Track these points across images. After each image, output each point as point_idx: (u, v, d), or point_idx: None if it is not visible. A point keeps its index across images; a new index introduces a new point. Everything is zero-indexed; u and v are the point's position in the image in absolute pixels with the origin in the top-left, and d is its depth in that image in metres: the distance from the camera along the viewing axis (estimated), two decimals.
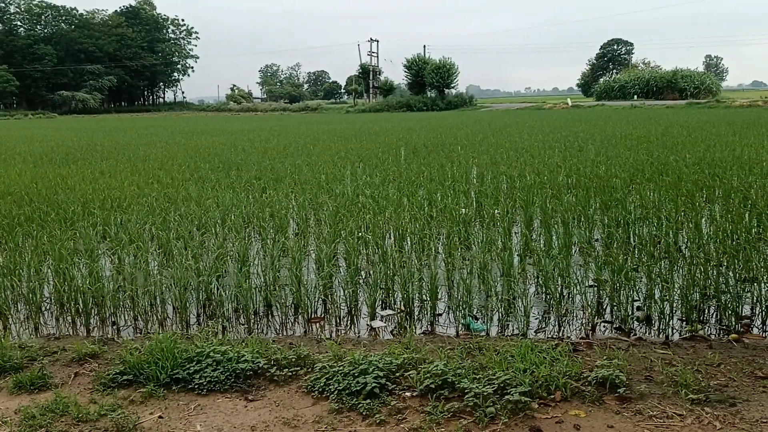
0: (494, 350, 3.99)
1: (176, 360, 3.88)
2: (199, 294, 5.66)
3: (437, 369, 3.57)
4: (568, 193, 9.45)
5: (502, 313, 5.19)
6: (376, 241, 6.85)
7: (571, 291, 5.53)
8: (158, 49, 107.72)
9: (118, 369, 3.91)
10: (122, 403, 3.59)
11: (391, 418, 3.32)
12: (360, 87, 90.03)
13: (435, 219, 8.06)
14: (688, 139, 17.92)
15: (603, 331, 4.86)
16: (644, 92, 67.38)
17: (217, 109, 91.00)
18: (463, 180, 11.17)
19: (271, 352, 4.07)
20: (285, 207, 9.06)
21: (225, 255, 6.68)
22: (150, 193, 10.62)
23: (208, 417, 3.45)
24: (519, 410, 3.29)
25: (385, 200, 9.19)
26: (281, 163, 14.81)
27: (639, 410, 3.30)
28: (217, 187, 11.25)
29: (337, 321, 5.25)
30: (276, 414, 3.44)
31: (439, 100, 68.79)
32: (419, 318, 5.25)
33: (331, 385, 3.60)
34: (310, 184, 11.19)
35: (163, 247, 7.12)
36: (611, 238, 6.98)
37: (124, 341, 4.64)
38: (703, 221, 7.66)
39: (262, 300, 5.55)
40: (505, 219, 7.89)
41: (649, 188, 9.75)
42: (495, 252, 6.44)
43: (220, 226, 8.10)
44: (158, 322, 5.34)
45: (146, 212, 8.91)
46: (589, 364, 3.85)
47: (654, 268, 5.66)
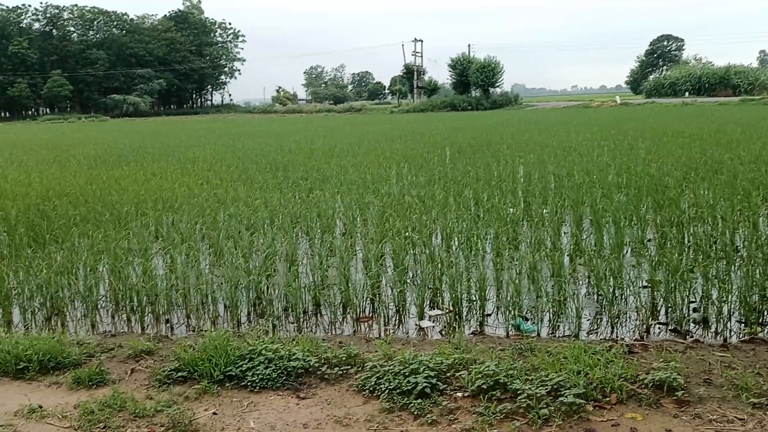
0: (546, 351, 3.93)
1: (229, 357, 3.94)
2: (250, 293, 5.74)
3: (489, 369, 3.54)
4: (619, 193, 9.26)
5: (552, 314, 5.12)
6: (423, 241, 6.83)
7: (624, 292, 5.42)
8: (206, 53, 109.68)
9: (173, 366, 3.99)
10: (177, 399, 3.66)
11: (442, 418, 3.30)
12: (404, 87, 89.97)
13: (482, 219, 7.99)
14: (743, 136, 17.37)
15: (658, 333, 4.75)
16: (696, 89, 65.60)
17: (263, 111, 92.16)
18: (510, 179, 11.06)
19: (322, 351, 4.10)
20: (332, 207, 9.12)
21: (274, 254, 6.75)
22: (200, 193, 10.81)
23: (261, 414, 3.49)
24: (573, 412, 3.24)
25: (431, 200, 9.17)
26: (327, 163, 14.91)
27: (698, 414, 3.21)
28: (265, 187, 11.40)
29: (386, 320, 5.25)
30: (328, 412, 3.46)
31: (483, 100, 68.28)
32: (468, 318, 5.22)
33: (381, 384, 3.60)
34: (356, 184, 11.23)
35: (214, 247, 7.24)
36: (665, 237, 6.81)
37: (178, 338, 4.74)
38: (760, 221, 7.42)
39: (310, 299, 5.59)
40: (554, 219, 7.78)
41: (703, 187, 9.49)
42: (544, 252, 6.35)
43: (268, 226, 8.19)
44: (210, 320, 5.43)
45: (197, 212, 9.07)
46: (644, 366, 3.76)
47: (710, 269, 5.51)
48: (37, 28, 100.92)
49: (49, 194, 11.11)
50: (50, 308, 5.74)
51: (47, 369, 4.13)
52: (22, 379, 4.07)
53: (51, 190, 11.63)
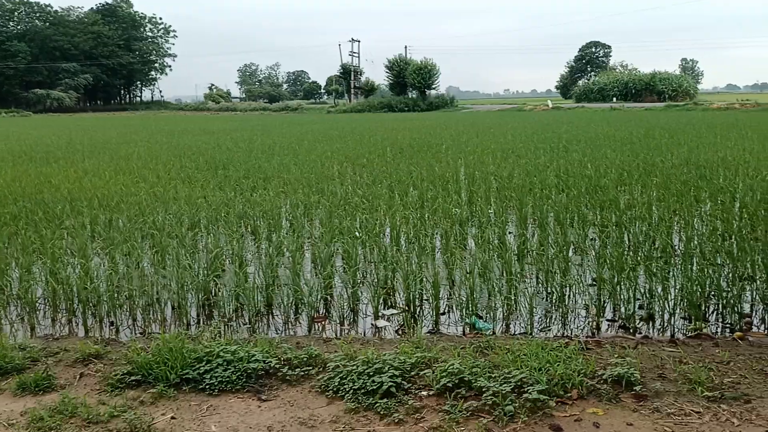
0: (505, 349, 3.98)
1: (185, 360, 3.81)
2: (198, 294, 5.59)
3: (453, 368, 3.55)
4: (560, 194, 9.50)
5: (505, 312, 5.19)
6: (374, 241, 6.82)
7: (572, 290, 5.55)
8: (135, 48, 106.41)
9: (126, 369, 3.83)
10: (132, 403, 3.52)
11: (409, 417, 3.29)
12: (341, 87, 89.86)
13: (429, 219, 8.04)
14: (671, 140, 18.14)
15: (607, 330, 4.89)
16: (623, 94, 68.03)
17: (196, 108, 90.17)
18: (453, 180, 11.18)
19: (281, 352, 4.03)
20: (277, 206, 8.99)
21: (221, 254, 6.60)
22: (137, 192, 10.47)
23: (222, 417, 3.39)
24: (538, 409, 3.28)
25: (377, 199, 9.17)
26: (268, 162, 14.71)
27: (656, 408, 3.31)
28: (206, 186, 11.14)
29: (341, 320, 5.21)
30: (291, 414, 3.40)
31: (420, 101, 68.83)
32: (422, 317, 5.23)
33: (345, 384, 3.56)
34: (300, 183, 11.12)
35: (156, 247, 7.02)
36: (607, 237, 7.01)
37: (128, 341, 4.56)
38: (695, 221, 7.74)
39: (263, 300, 5.49)
40: (499, 219, 7.91)
41: (638, 189, 9.84)
42: (493, 251, 6.44)
43: (213, 225, 8.01)
44: (158, 322, 5.26)
45: (136, 211, 8.78)
46: (601, 362, 3.86)
47: (653, 267, 5.70)
48: None
49: None
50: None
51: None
52: None
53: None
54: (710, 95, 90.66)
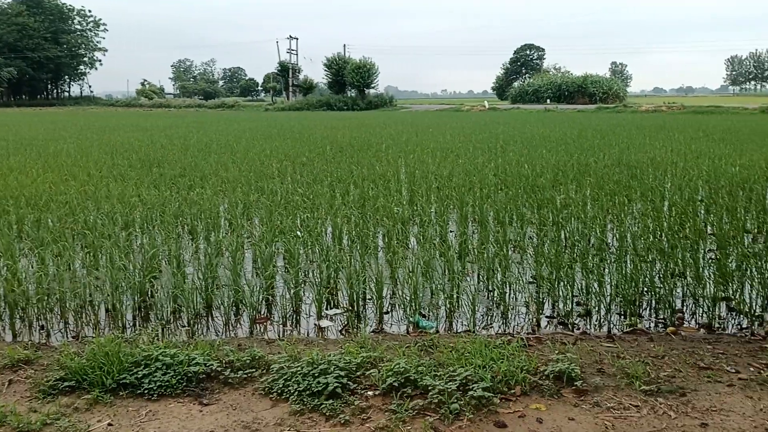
0: (449, 347, 4.00)
1: (122, 364, 3.68)
2: (134, 295, 5.41)
3: (399, 367, 3.54)
4: (499, 193, 9.65)
5: (448, 311, 5.23)
6: (316, 240, 6.76)
7: (512, 288, 5.64)
8: (63, 41, 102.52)
9: (58, 375, 3.67)
10: (66, 411, 3.37)
11: (355, 417, 3.26)
12: (278, 85, 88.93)
13: (371, 218, 8.03)
14: (603, 141, 18.71)
15: (547, 326, 4.98)
16: (556, 96, 69.84)
17: (127, 104, 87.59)
18: (394, 179, 11.20)
19: (223, 354, 3.93)
20: (215, 205, 8.81)
21: (158, 255, 6.41)
22: (67, 190, 10.07)
23: (161, 423, 3.28)
24: (482, 406, 3.31)
25: (319, 198, 9.10)
26: (205, 160, 14.41)
27: (596, 402, 3.39)
28: (140, 184, 10.82)
29: (283, 321, 5.14)
30: (234, 418, 3.32)
31: (359, 100, 68.88)
32: (366, 316, 5.21)
33: (290, 386, 3.51)
34: (239, 182, 10.93)
35: (89, 247, 6.77)
36: (545, 235, 7.16)
37: (60, 346, 4.36)
38: (627, 219, 7.99)
39: (202, 301, 5.36)
40: (441, 218, 7.97)
41: (573, 188, 10.09)
42: (435, 250, 6.48)
43: (149, 224, 7.77)
44: (92, 325, 5.06)
45: (66, 210, 8.44)
46: (543, 358, 3.93)
47: (588, 264, 5.85)
48: None
49: None
50: None
51: None
52: None
53: None
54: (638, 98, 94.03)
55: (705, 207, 8.65)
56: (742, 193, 9.35)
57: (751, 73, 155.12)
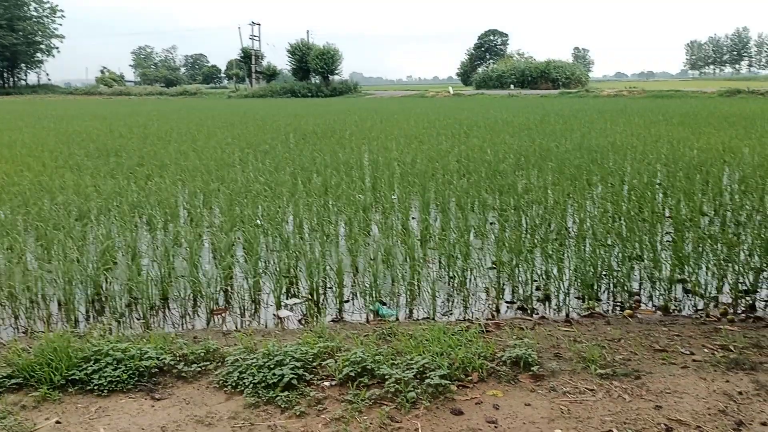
0: (408, 335, 3.97)
1: (71, 360, 3.57)
2: (87, 289, 5.28)
3: (356, 356, 3.50)
4: (461, 179, 9.65)
5: (408, 298, 5.21)
6: (276, 228, 6.67)
7: (472, 273, 5.64)
8: (18, 28, 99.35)
9: (5, 372, 3.54)
10: (12, 409, 3.26)
11: (310, 409, 3.22)
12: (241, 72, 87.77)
13: (333, 205, 7.97)
14: (565, 126, 18.88)
15: (506, 311, 4.99)
16: (520, 82, 70.37)
17: (87, 92, 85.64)
18: (357, 166, 11.13)
19: (177, 347, 3.85)
20: (174, 195, 8.64)
21: (113, 246, 6.26)
22: (20, 181, 9.79)
23: (111, 419, 3.19)
24: (439, 393, 3.29)
25: (280, 187, 8.99)
26: (164, 149, 14.13)
27: (553, 387, 3.40)
28: (96, 174, 10.56)
29: (241, 312, 5.06)
30: (187, 412, 3.25)
31: (323, 87, 68.45)
32: (326, 306, 5.16)
33: (245, 378, 3.44)
34: (199, 171, 10.74)
35: (42, 239, 6.58)
36: (506, 220, 7.19)
37: (8, 342, 4.22)
38: (587, 203, 8.07)
39: (157, 293, 5.24)
40: (402, 204, 7.94)
41: (534, 173, 10.15)
42: (396, 237, 6.46)
43: (104, 215, 7.59)
44: (43, 320, 4.91)
45: (18, 202, 8.20)
46: (500, 344, 3.93)
47: (548, 249, 5.88)
48: None
49: None
50: None
51: None
52: None
53: None
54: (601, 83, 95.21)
55: (663, 190, 8.77)
56: (699, 176, 9.50)
57: (710, 57, 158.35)
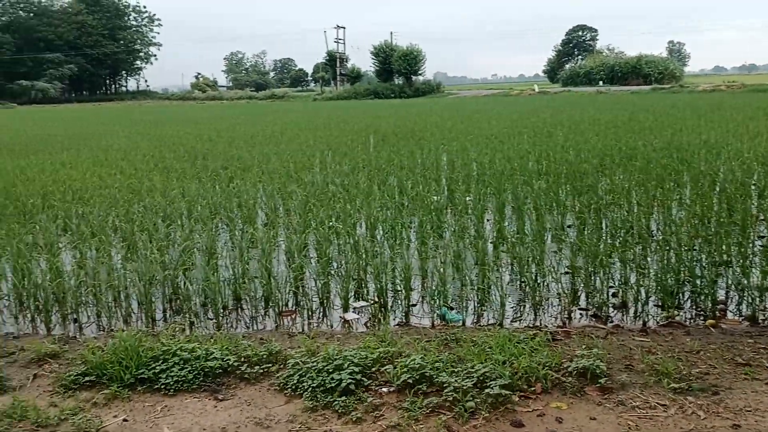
0: (471, 341, 3.89)
1: (141, 359, 3.70)
2: (165, 288, 5.47)
3: (414, 363, 3.45)
4: (539, 179, 9.40)
5: (477, 303, 5.10)
6: (347, 231, 6.70)
7: (546, 278, 5.47)
8: (120, 37, 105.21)
9: (80, 370, 3.72)
10: (84, 405, 3.41)
11: (367, 415, 3.20)
12: (327, 74, 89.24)
13: (407, 207, 7.94)
14: (655, 123, 18.07)
15: (579, 319, 4.81)
16: (609, 78, 68.05)
17: (182, 97, 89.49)
18: (434, 167, 11.06)
19: (241, 349, 3.92)
20: (253, 197, 8.86)
21: (192, 247, 6.47)
22: (113, 184, 10.31)
23: (175, 419, 3.29)
24: (500, 404, 3.20)
25: (355, 189, 9.05)
26: (248, 152, 14.54)
27: (621, 401, 3.23)
28: (183, 177, 10.98)
29: (309, 314, 5.10)
30: (247, 414, 3.30)
31: (406, 87, 68.58)
32: (393, 309, 5.13)
33: (304, 382, 3.46)
34: (279, 173, 10.98)
35: (127, 240, 6.89)
36: (584, 223, 6.94)
37: (86, 340, 4.44)
38: (674, 206, 7.67)
39: (231, 294, 5.37)
40: (477, 206, 7.81)
41: (618, 173, 9.76)
42: (468, 240, 6.35)
43: (186, 217, 7.87)
44: (123, 318, 5.13)
45: (109, 204, 8.63)
46: (568, 353, 3.78)
47: (628, 254, 5.63)
48: None
49: None
50: None
51: None
52: None
53: None
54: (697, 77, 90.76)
55: (759, 191, 8.23)
56: None
57: None
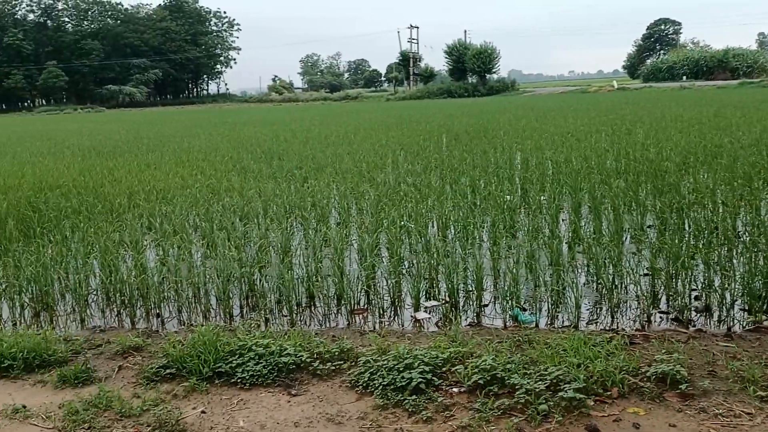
0: (545, 343, 3.82)
1: (219, 353, 3.82)
2: (242, 285, 5.63)
3: (486, 364, 3.42)
4: (618, 178, 9.12)
5: (551, 304, 5.01)
6: (419, 230, 6.71)
7: (623, 280, 5.30)
8: (201, 42, 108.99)
9: (161, 362, 3.87)
10: (165, 397, 3.55)
11: (438, 415, 3.19)
12: (400, 74, 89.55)
13: (479, 207, 7.87)
14: (743, 120, 17.22)
15: (659, 323, 4.64)
16: (693, 73, 65.33)
17: (259, 100, 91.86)
18: (507, 166, 10.92)
19: (314, 345, 3.99)
20: (326, 196, 8.99)
21: (267, 245, 6.63)
22: (193, 184, 10.67)
23: (251, 412, 3.38)
24: (573, 408, 3.12)
25: (427, 188, 9.04)
26: (322, 152, 14.76)
27: (703, 408, 3.10)
28: (259, 177, 11.26)
29: (381, 312, 5.14)
30: (320, 409, 3.35)
31: (480, 86, 68.02)
32: (465, 309, 5.10)
33: (375, 379, 3.49)
34: (351, 173, 11.10)
35: (207, 238, 7.12)
36: (665, 224, 6.69)
37: (167, 334, 4.62)
38: (762, 205, 7.29)
39: (304, 291, 5.47)
40: (552, 206, 7.66)
41: (702, 172, 9.37)
42: (542, 240, 6.24)
43: (262, 216, 8.07)
44: (202, 313, 5.31)
45: (190, 203, 8.95)
46: (646, 358, 3.65)
47: (712, 255, 5.39)
48: (32, 19, 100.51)
49: (41, 186, 10.97)
50: (39, 303, 5.62)
51: (32, 367, 4.01)
52: (6, 377, 3.95)
53: (43, 182, 11.48)
54: None
55: None
56: None
57: None
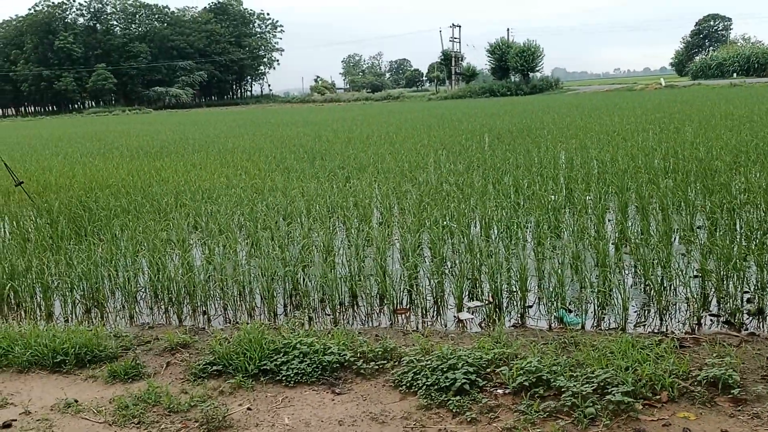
0: (591, 345, 3.76)
1: (264, 351, 3.87)
2: (286, 284, 5.68)
3: (531, 365, 3.38)
4: (666, 178, 8.93)
5: (597, 306, 4.92)
6: (461, 230, 6.67)
7: (672, 282, 5.18)
8: (245, 44, 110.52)
9: (208, 359, 3.94)
10: (212, 393, 3.61)
11: (482, 416, 3.17)
12: (442, 74, 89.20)
13: (523, 206, 7.79)
14: None
15: (709, 326, 4.52)
16: (744, 70, 63.50)
17: (302, 100, 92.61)
18: (551, 165, 10.78)
19: (357, 345, 4.00)
20: (368, 196, 9.01)
21: (310, 245, 6.68)
22: (238, 184, 10.83)
23: (295, 410, 3.41)
24: (621, 411, 3.07)
25: (469, 188, 8.99)
26: (364, 152, 14.81)
27: (756, 413, 3.01)
28: (302, 177, 11.35)
29: (423, 312, 5.13)
30: (363, 408, 3.37)
31: (523, 85, 67.33)
32: (508, 310, 5.06)
33: (419, 379, 3.49)
34: (393, 172, 11.11)
35: (251, 237, 7.21)
36: (715, 224, 6.51)
37: (213, 331, 4.70)
38: None
39: (347, 290, 5.50)
40: (597, 206, 7.53)
41: (755, 170, 9.09)
42: (588, 240, 6.14)
43: (305, 216, 8.13)
44: (247, 311, 5.39)
45: (234, 203, 9.08)
46: (697, 361, 3.56)
47: (765, 257, 5.23)
48: (82, 22, 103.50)
49: (92, 186, 11.29)
50: (90, 300, 5.77)
51: (84, 362, 4.13)
52: (59, 372, 4.08)
53: (94, 181, 11.81)
54: None
55: None
56: None
57: None
